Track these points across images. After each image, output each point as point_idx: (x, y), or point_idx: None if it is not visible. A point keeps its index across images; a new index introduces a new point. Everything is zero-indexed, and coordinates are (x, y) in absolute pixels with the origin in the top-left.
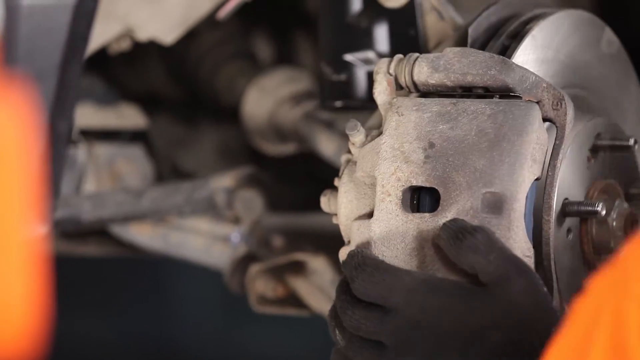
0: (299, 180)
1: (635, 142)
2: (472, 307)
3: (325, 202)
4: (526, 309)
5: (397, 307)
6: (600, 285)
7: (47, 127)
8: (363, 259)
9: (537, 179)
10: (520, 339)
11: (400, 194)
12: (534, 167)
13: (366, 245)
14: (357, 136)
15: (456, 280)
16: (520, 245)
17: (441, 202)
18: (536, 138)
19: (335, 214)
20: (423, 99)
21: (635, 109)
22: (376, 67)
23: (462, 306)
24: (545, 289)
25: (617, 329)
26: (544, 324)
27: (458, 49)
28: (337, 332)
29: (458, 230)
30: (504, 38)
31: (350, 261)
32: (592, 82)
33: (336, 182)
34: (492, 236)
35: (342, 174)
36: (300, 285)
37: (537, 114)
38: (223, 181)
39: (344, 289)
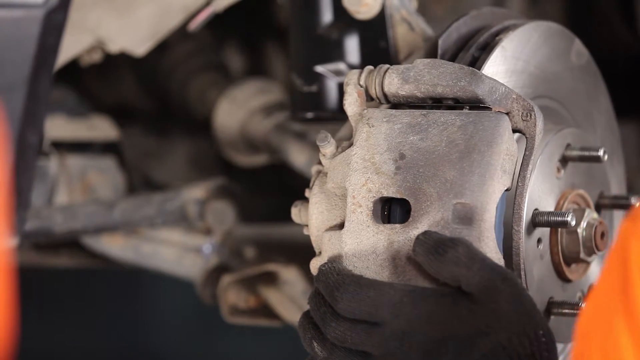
0: (271, 191)
1: (605, 152)
2: (459, 315)
3: (296, 213)
4: (513, 314)
5: (383, 320)
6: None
7: (16, 139)
8: (341, 277)
9: (507, 190)
10: (509, 344)
11: (371, 205)
12: (503, 178)
13: (337, 257)
14: (327, 147)
15: (440, 289)
16: (491, 256)
17: (412, 213)
18: (506, 149)
19: (306, 225)
20: (393, 111)
21: (604, 120)
22: (346, 79)
23: (449, 315)
24: (528, 293)
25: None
26: (531, 327)
27: (428, 60)
28: (314, 344)
29: (436, 245)
30: (474, 49)
31: (325, 279)
32: (562, 93)
33: (307, 193)
34: (471, 247)
35: (312, 185)
36: (272, 296)
37: (506, 125)
38: (194, 192)
39: (321, 301)
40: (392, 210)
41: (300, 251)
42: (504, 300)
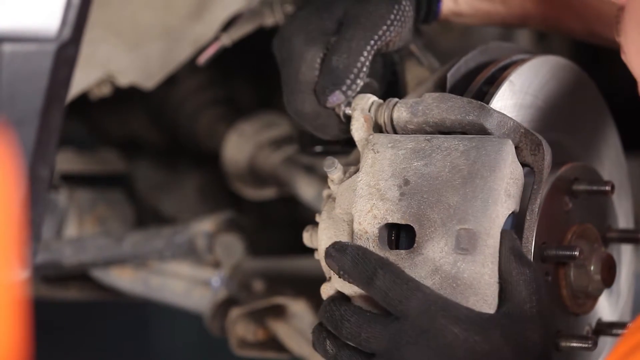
0: (279, 224)
1: (613, 186)
2: (488, 337)
3: (307, 237)
4: (539, 345)
5: (407, 313)
6: None
7: (28, 172)
8: (383, 260)
9: (513, 212)
10: None
11: (377, 231)
12: (508, 202)
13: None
14: (334, 173)
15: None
16: (491, 281)
17: (417, 239)
18: (510, 173)
19: (317, 249)
20: (398, 136)
21: (612, 154)
22: (353, 104)
23: (478, 331)
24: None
25: None
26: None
27: (437, 94)
28: (327, 342)
29: None
30: (482, 83)
31: (361, 259)
32: (570, 127)
33: (317, 217)
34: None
35: (322, 209)
36: (281, 329)
37: (509, 149)
38: (203, 225)
39: (341, 303)
40: (399, 235)
41: (308, 284)
42: (531, 330)
